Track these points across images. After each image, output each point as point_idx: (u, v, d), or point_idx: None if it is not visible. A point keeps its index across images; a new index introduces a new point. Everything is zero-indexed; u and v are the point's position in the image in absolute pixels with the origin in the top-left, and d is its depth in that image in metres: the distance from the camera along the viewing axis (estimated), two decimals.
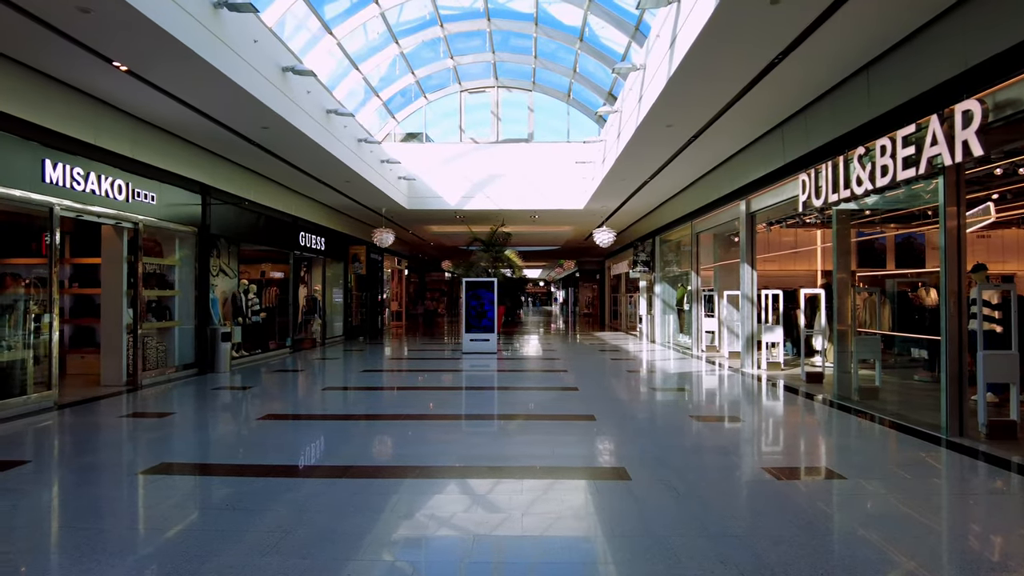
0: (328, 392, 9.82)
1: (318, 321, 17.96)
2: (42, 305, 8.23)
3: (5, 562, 3.44)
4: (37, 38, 6.37)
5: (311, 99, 10.82)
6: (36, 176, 7.56)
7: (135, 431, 6.87)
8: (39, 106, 7.43)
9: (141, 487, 4.84)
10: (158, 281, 10.81)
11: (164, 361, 10.69)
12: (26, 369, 7.83)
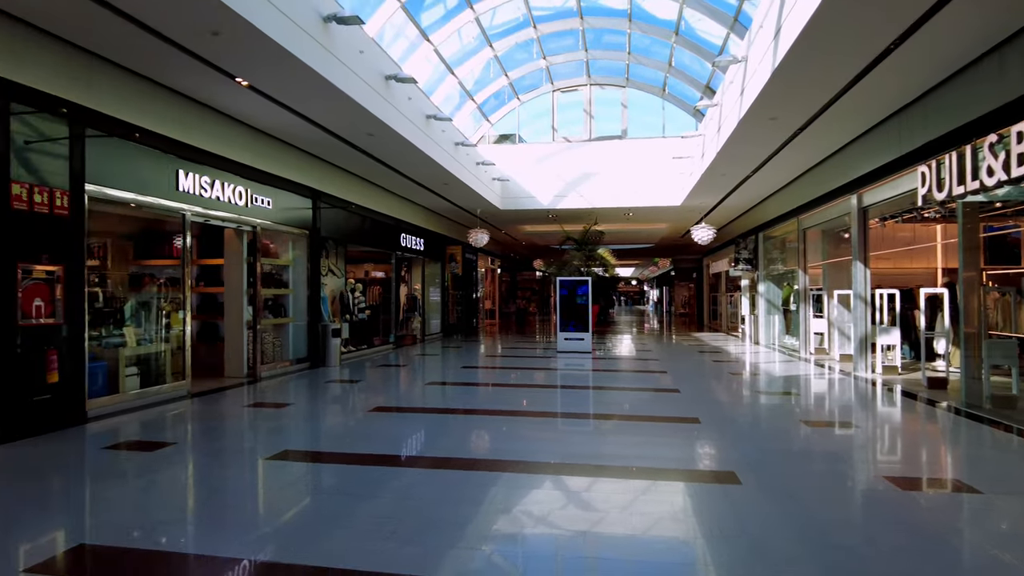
0: (430, 387, 10.17)
1: (418, 318, 18.60)
2: (173, 303, 9.05)
3: (146, 530, 3.84)
4: (175, 61, 7.00)
5: (411, 105, 11.24)
6: (171, 185, 8.32)
7: (258, 420, 7.42)
8: (175, 122, 8.16)
9: (266, 471, 5.24)
10: (274, 280, 11.59)
11: (280, 355, 11.45)
12: (164, 360, 8.64)
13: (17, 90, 6.06)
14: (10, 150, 5.99)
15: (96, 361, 7.36)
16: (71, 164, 6.66)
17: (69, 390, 6.61)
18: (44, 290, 6.31)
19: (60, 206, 6.50)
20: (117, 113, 7.20)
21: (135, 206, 7.93)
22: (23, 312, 6.09)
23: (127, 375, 7.86)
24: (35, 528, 3.96)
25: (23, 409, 6.10)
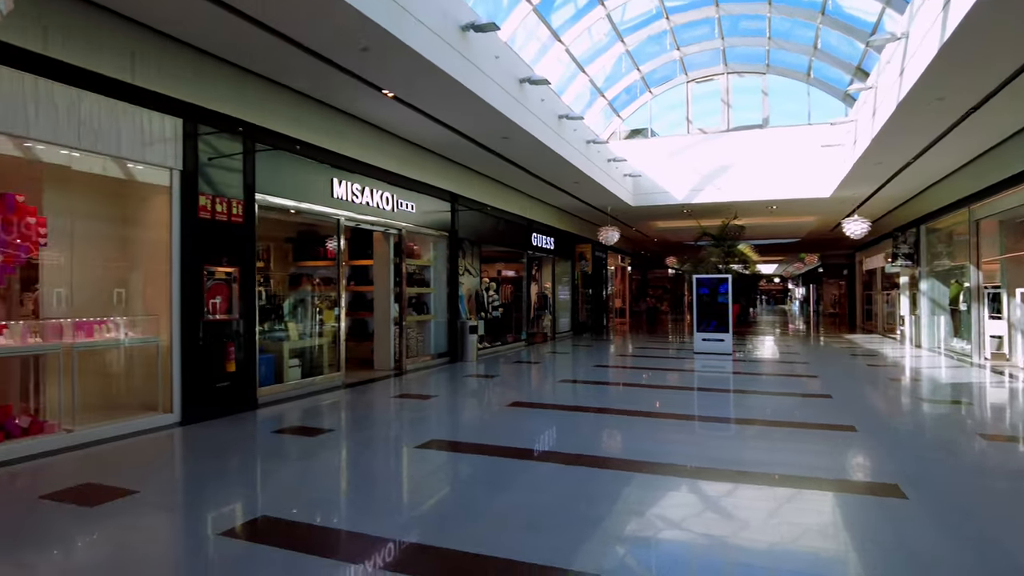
0: (563, 384, 10.27)
1: (548, 317, 18.81)
2: (328, 300, 9.84)
3: (312, 507, 4.21)
4: (329, 78, 7.61)
5: (544, 106, 11.39)
6: (327, 193, 9.04)
7: (405, 410, 7.88)
8: (330, 134, 8.87)
9: (414, 459, 5.57)
10: (416, 280, 12.24)
11: (422, 350, 12.08)
12: (321, 353, 9.43)
13: (203, 114, 6.88)
14: (198, 167, 6.82)
15: (264, 353, 8.17)
16: (244, 177, 7.45)
17: (243, 378, 7.40)
18: (223, 289, 7.12)
19: (236, 214, 7.29)
20: (281, 128, 7.95)
21: (294, 212, 8.72)
22: (207, 308, 6.90)
23: (290, 366, 8.66)
24: (223, 499, 4.50)
25: (207, 394, 6.92)
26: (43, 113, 5.42)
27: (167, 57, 6.47)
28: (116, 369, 6.90)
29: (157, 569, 3.39)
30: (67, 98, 5.60)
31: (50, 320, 6.00)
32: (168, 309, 6.66)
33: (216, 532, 3.83)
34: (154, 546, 3.76)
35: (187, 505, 4.39)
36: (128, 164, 6.33)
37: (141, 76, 6.22)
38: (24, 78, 5.28)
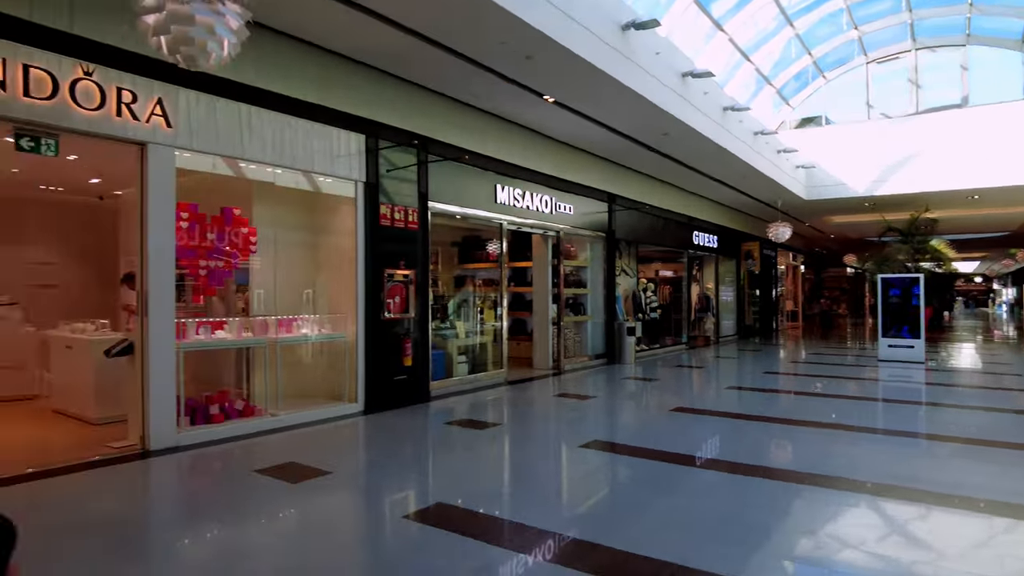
0: (728, 391, 9.82)
1: (711, 319, 18.05)
2: (489, 300, 10.24)
3: (483, 496, 4.41)
4: (493, 87, 7.93)
5: (707, 99, 10.96)
6: (491, 199, 9.42)
7: (566, 409, 7.99)
8: (493, 141, 9.24)
9: (576, 457, 5.63)
10: (573, 281, 12.35)
11: (579, 350, 12.17)
12: (485, 351, 9.85)
13: (382, 129, 7.49)
14: (379, 178, 7.43)
15: (435, 350, 8.69)
16: (419, 186, 7.99)
17: (418, 373, 7.93)
18: (401, 290, 7.68)
19: (412, 221, 7.84)
20: (450, 139, 8.42)
21: (460, 218, 9.18)
22: (387, 308, 7.49)
23: (458, 362, 9.14)
24: (403, 484, 4.87)
25: (386, 386, 7.51)
26: (253, 136, 6.21)
27: (350, 78, 7.12)
28: (309, 362, 7.71)
29: (350, 543, 3.76)
30: (271, 122, 6.38)
31: (258, 317, 6.85)
32: (353, 308, 7.33)
33: (399, 515, 4.16)
34: (346, 522, 4.16)
35: (372, 488, 4.80)
36: (319, 178, 7.07)
37: (329, 98, 6.90)
38: (240, 107, 6.09)
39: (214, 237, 6.31)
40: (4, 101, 4.59)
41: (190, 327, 6.09)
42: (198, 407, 6.11)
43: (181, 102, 5.62)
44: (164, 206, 5.57)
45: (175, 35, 3.66)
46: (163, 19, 3.67)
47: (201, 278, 6.25)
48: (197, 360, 6.47)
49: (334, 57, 6.92)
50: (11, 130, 4.84)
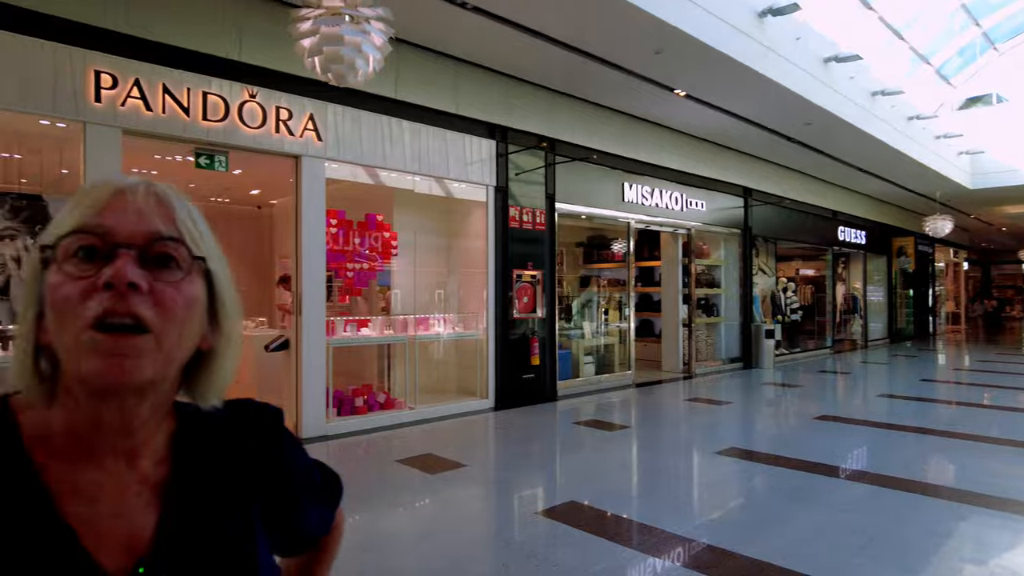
0: (880, 399, 9.03)
1: (858, 321, 16.69)
2: (615, 301, 10.13)
3: (614, 497, 4.37)
4: (619, 85, 7.86)
5: (854, 84, 10.16)
6: (618, 197, 9.33)
7: (699, 414, 7.74)
8: (620, 140, 9.14)
9: (710, 464, 5.44)
10: (706, 280, 11.92)
11: (712, 354, 11.72)
12: (612, 352, 9.77)
13: (511, 133, 7.67)
14: (508, 182, 7.61)
15: (562, 350, 8.75)
16: (546, 188, 8.09)
17: (545, 372, 8.03)
18: (529, 290, 7.81)
19: (539, 223, 7.96)
20: (576, 140, 8.44)
21: (586, 218, 9.18)
22: (516, 308, 7.65)
23: (584, 363, 9.14)
24: (535, 480, 4.96)
25: (515, 384, 7.67)
26: (394, 146, 6.59)
27: (481, 86, 7.35)
28: (443, 358, 8.05)
29: (486, 534, 3.89)
30: (409, 132, 6.73)
31: (399, 316, 7.26)
32: (484, 308, 7.57)
33: (532, 510, 4.24)
34: (482, 514, 4.31)
35: (505, 482, 4.93)
36: (453, 184, 7.36)
37: (462, 105, 7.17)
38: (381, 119, 6.49)
39: (359, 241, 6.77)
40: (188, 125, 5.23)
41: (338, 324, 6.58)
42: (344, 399, 6.58)
43: (330, 117, 6.10)
44: (316, 213, 6.06)
45: (327, 55, 3.99)
46: (317, 41, 4.01)
47: (348, 279, 6.73)
48: (343, 355, 6.97)
49: (466, 66, 7.18)
50: (192, 150, 5.50)
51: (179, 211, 0.66)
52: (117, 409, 0.62)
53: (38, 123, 4.94)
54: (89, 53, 4.80)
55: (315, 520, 0.88)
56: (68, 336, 0.59)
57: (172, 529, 0.66)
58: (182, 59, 5.23)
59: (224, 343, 0.70)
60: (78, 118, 4.77)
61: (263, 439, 0.78)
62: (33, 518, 0.60)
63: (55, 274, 0.60)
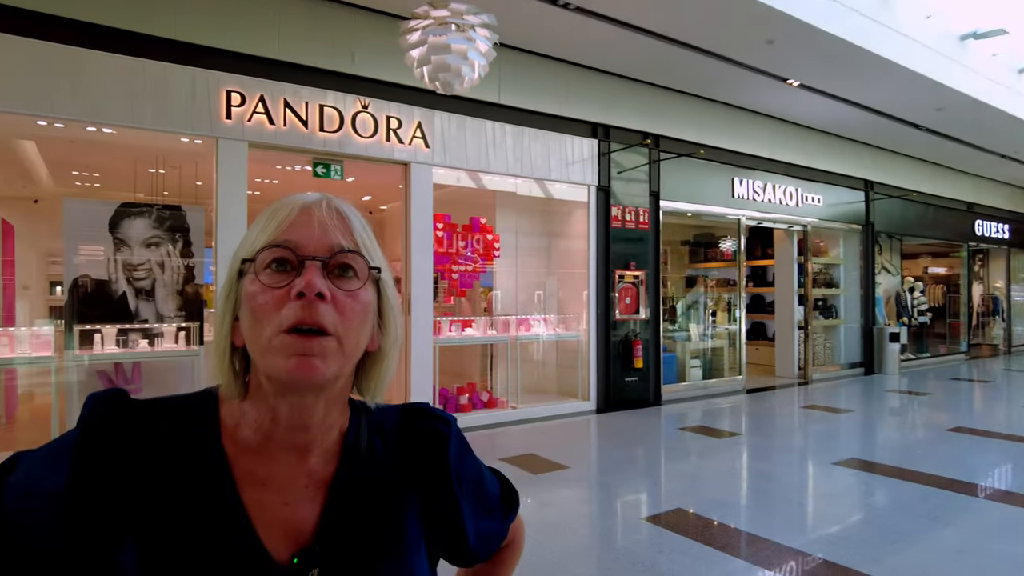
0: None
1: (1000, 324, 15.12)
2: (722, 302, 9.74)
3: (723, 506, 4.20)
4: (728, 77, 7.56)
5: (996, 62, 9.21)
6: (727, 193, 8.97)
7: (816, 422, 7.30)
8: (729, 134, 8.79)
9: (828, 475, 5.11)
10: (823, 280, 11.22)
11: (830, 358, 11.02)
12: (720, 356, 9.41)
13: (614, 132, 7.58)
14: (610, 181, 7.53)
15: (667, 352, 8.53)
16: (649, 185, 7.92)
17: (649, 375, 7.86)
18: (632, 291, 7.68)
19: (643, 221, 7.81)
20: (682, 135, 8.20)
21: (692, 215, 8.89)
22: (618, 309, 7.55)
23: (691, 366, 8.86)
24: (639, 485, 4.87)
25: (618, 387, 7.57)
26: (497, 150, 6.70)
27: (583, 86, 7.31)
28: (543, 359, 8.08)
29: (591, 538, 3.86)
30: (512, 135, 6.81)
31: (500, 316, 7.36)
32: (584, 309, 7.52)
33: (637, 516, 4.17)
34: (586, 517, 4.29)
35: (610, 486, 4.88)
36: (554, 185, 7.37)
37: (564, 106, 7.17)
38: (485, 124, 6.62)
39: (463, 244, 6.93)
40: (306, 136, 5.57)
41: (444, 324, 6.77)
42: (449, 397, 6.76)
43: (437, 124, 6.28)
44: (423, 217, 6.27)
45: (435, 64, 4.11)
46: (425, 51, 4.14)
47: (452, 281, 6.91)
48: (448, 354, 7.16)
49: (568, 66, 7.17)
50: (310, 160, 5.84)
51: (355, 224, 0.72)
52: (296, 406, 0.68)
53: (178, 141, 5.43)
54: (222, 75, 5.23)
55: (484, 532, 0.87)
56: (263, 338, 0.65)
57: (332, 524, 0.71)
58: (301, 75, 5.58)
59: (390, 344, 0.75)
60: (211, 134, 5.20)
61: (431, 446, 0.81)
62: (219, 499, 0.67)
63: (252, 284, 0.67)
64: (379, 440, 0.78)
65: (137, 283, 5.26)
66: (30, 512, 0.63)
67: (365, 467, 0.75)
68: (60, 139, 5.63)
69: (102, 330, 5.17)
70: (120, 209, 5.26)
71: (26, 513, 0.63)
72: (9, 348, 5.04)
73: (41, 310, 8.35)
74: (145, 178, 7.26)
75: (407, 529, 0.75)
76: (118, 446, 0.66)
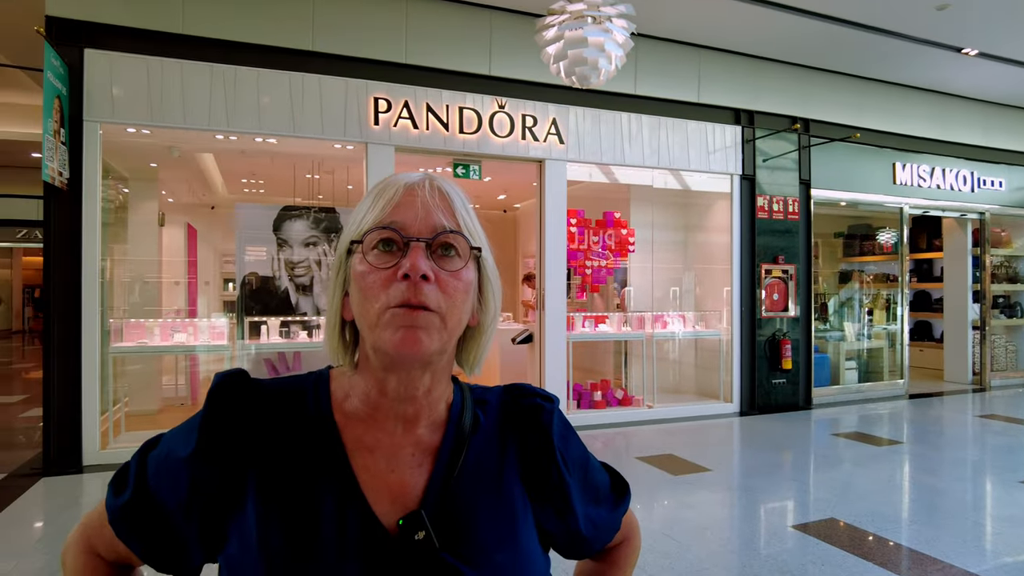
0: None
1: None
2: (880, 299, 8.87)
3: (872, 519, 3.81)
4: (892, 52, 6.87)
5: None
6: (887, 179, 8.17)
7: (996, 434, 6.46)
8: (891, 114, 7.99)
9: (1013, 494, 4.49)
10: (1004, 274, 9.90)
11: (1013, 363, 9.70)
12: (879, 357, 8.60)
13: (758, 117, 7.16)
14: (755, 169, 7.12)
15: (818, 353, 7.93)
16: (799, 173, 7.40)
17: (798, 377, 7.35)
18: (779, 287, 7.22)
19: (792, 212, 7.31)
20: (835, 118, 7.58)
21: (846, 205, 8.19)
22: (764, 306, 7.13)
23: (845, 368, 8.18)
24: (788, 492, 4.56)
25: (763, 389, 7.15)
26: (632, 143, 6.56)
27: (725, 71, 6.97)
28: (679, 358, 7.81)
29: (736, 543, 3.67)
30: (648, 127, 6.64)
31: (635, 313, 7.22)
32: (726, 306, 7.18)
33: (785, 523, 3.91)
34: (729, 522, 4.09)
35: (755, 491, 4.62)
36: (693, 176, 7.09)
37: (703, 93, 6.88)
38: (619, 116, 6.51)
39: (596, 239, 6.87)
40: (447, 139, 5.79)
41: (577, 320, 6.76)
42: (583, 393, 6.74)
43: (571, 120, 6.27)
44: (557, 214, 6.29)
45: (571, 58, 4.09)
46: (561, 46, 4.14)
47: (586, 276, 6.87)
48: (581, 350, 7.14)
49: (708, 51, 6.87)
50: (450, 162, 6.06)
51: (456, 203, 0.74)
52: (403, 379, 0.72)
53: (332, 147, 5.85)
54: (371, 83, 5.56)
55: (595, 519, 0.86)
56: (372, 314, 0.68)
57: (438, 491, 0.73)
58: (442, 79, 5.80)
59: (489, 319, 0.77)
60: (362, 140, 5.55)
61: (535, 422, 0.82)
62: (331, 463, 0.72)
63: (360, 263, 0.70)
64: (483, 415, 0.80)
65: (297, 279, 5.74)
66: (168, 476, 0.72)
67: (470, 438, 0.77)
68: (232, 150, 6.26)
69: (267, 322, 5.70)
70: (282, 212, 5.77)
71: (166, 477, 0.72)
72: (193, 337, 5.70)
73: (217, 304, 9.37)
74: (303, 183, 7.91)
75: (513, 500, 0.77)
76: (238, 415, 0.72)
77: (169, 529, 0.72)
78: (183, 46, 5.08)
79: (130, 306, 6.36)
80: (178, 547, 0.72)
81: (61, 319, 4.80)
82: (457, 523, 0.72)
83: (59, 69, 4.60)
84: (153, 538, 0.73)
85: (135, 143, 5.64)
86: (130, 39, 4.96)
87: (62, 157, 4.64)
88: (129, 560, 0.78)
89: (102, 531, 0.76)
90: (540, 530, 0.80)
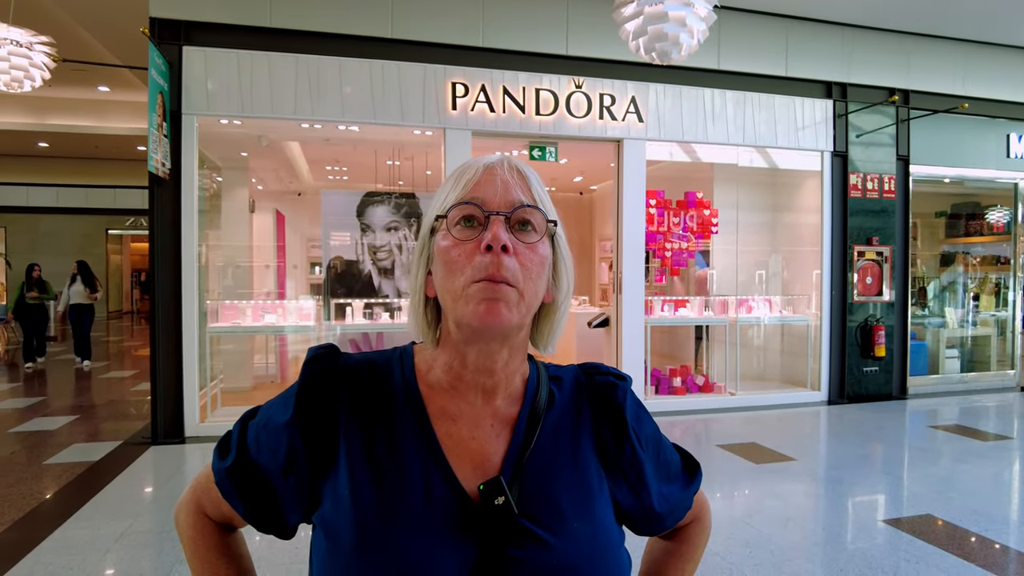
0: None
1: None
2: (988, 284, 8.20)
3: (974, 517, 3.54)
4: (1005, 11, 6.29)
5: None
6: (1000, 153, 7.51)
7: None
8: (1004, 81, 7.33)
9: None
10: None
11: None
12: (987, 347, 7.99)
13: (851, 90, 6.74)
14: (847, 146, 6.72)
15: (915, 340, 7.45)
16: (896, 149, 6.92)
17: (892, 365, 6.94)
18: (873, 270, 6.82)
19: (888, 190, 6.86)
20: (938, 88, 7.03)
21: (949, 182, 7.60)
22: (856, 290, 6.75)
23: (946, 357, 7.65)
24: (880, 486, 4.33)
25: (854, 377, 6.80)
26: (716, 120, 6.33)
27: (814, 42, 6.59)
28: (765, 344, 7.53)
29: (822, 535, 3.53)
30: (732, 103, 6.38)
31: (717, 297, 7.00)
32: (815, 290, 6.85)
33: (876, 517, 3.72)
34: (815, 513, 3.93)
35: (842, 483, 4.41)
36: (780, 154, 6.77)
37: (792, 66, 6.53)
38: (702, 92, 6.28)
39: (677, 221, 6.70)
40: (523, 121, 5.77)
41: (655, 304, 6.63)
42: (662, 379, 6.62)
43: (651, 97, 6.11)
44: (635, 195, 6.17)
45: (651, 34, 3.97)
46: (641, 23, 4.02)
47: (666, 259, 6.72)
48: (660, 335, 7.00)
49: (796, 22, 6.52)
50: (526, 144, 6.04)
51: (532, 181, 0.78)
52: (483, 351, 0.75)
53: (411, 134, 5.96)
54: (448, 68, 5.61)
55: (668, 496, 0.87)
56: (455, 288, 0.71)
57: (515, 460, 0.76)
58: (518, 61, 5.78)
59: (562, 296, 0.80)
60: (440, 125, 5.62)
61: (609, 399, 0.84)
62: (417, 429, 0.76)
63: (444, 238, 0.74)
64: (557, 391, 0.83)
65: (380, 263, 5.91)
66: (267, 441, 0.78)
67: (547, 411, 0.80)
68: (317, 139, 6.49)
69: (352, 304, 5.90)
70: (365, 198, 5.94)
71: (265, 442, 0.78)
72: (282, 318, 5.98)
73: (304, 287, 9.78)
74: (384, 169, 8.10)
75: (589, 472, 0.79)
76: (330, 385, 0.77)
77: (268, 490, 0.77)
78: (270, 39, 5.29)
79: (224, 289, 6.74)
80: (276, 507, 0.78)
81: (165, 301, 5.16)
82: (534, 491, 0.75)
83: (161, 67, 4.90)
84: (254, 498, 0.78)
85: (227, 134, 5.94)
86: (222, 34, 5.21)
87: (165, 149, 4.96)
88: (232, 520, 0.84)
89: (209, 493, 0.83)
90: (615, 505, 0.81)
